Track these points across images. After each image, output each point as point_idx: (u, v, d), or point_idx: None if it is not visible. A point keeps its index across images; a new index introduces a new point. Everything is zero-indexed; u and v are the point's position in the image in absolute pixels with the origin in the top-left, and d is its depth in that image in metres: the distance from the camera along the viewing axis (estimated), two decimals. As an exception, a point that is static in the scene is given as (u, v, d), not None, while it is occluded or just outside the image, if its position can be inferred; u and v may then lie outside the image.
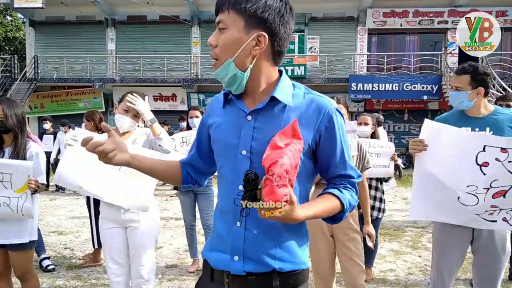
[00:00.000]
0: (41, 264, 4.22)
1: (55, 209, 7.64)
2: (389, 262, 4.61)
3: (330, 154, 1.28)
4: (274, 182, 1.00)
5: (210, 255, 1.34)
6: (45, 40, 17.97)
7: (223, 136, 1.31)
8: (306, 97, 1.28)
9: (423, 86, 14.96)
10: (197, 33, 17.22)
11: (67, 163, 2.53)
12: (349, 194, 1.30)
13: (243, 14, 1.20)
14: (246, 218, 1.22)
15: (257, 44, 1.22)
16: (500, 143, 2.14)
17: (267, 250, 1.24)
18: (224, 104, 1.34)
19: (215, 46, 1.24)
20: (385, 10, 16.27)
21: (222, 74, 1.24)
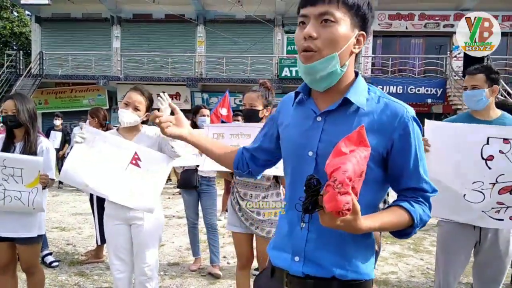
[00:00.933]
0: (44, 260, 4.23)
1: (57, 205, 7.67)
2: (391, 265, 4.60)
3: (402, 164, 1.21)
4: (336, 189, 0.95)
5: (272, 252, 1.34)
6: (50, 37, 18.03)
7: (291, 136, 1.30)
8: (380, 101, 1.22)
9: (427, 89, 14.93)
10: (202, 32, 17.24)
11: (74, 160, 2.54)
12: (421, 209, 1.21)
13: (352, 11, 1.17)
14: (310, 220, 1.16)
15: (357, 42, 1.21)
16: (503, 133, 2.15)
17: (328, 255, 1.21)
18: (294, 103, 1.34)
19: (315, 38, 1.15)
20: (390, 12, 16.24)
21: (320, 67, 1.16)
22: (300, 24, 1.21)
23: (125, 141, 2.59)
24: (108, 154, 2.54)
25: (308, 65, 1.17)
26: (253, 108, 2.78)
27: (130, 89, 2.72)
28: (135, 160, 2.51)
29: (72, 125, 17.67)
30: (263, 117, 2.82)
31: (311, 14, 1.17)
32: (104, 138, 2.58)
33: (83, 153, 2.54)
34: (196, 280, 4.00)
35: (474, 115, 2.48)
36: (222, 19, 17.25)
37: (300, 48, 1.19)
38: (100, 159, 2.54)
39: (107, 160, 2.53)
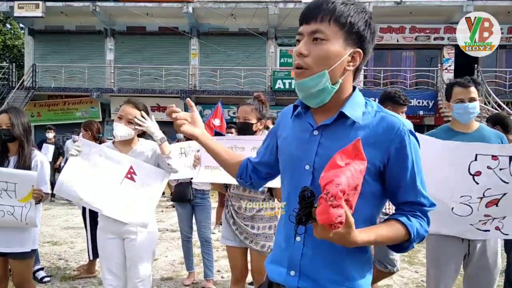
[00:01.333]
0: (35, 275, 4.16)
1: (49, 219, 7.58)
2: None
3: (399, 177, 1.21)
4: (328, 202, 0.95)
5: (270, 266, 1.34)
6: (44, 49, 18.01)
7: (289, 148, 1.32)
8: (377, 115, 1.23)
9: (419, 101, 15.07)
10: (196, 45, 17.32)
11: (69, 173, 2.53)
12: (418, 223, 1.21)
13: (345, 29, 1.17)
14: (305, 234, 1.20)
15: (352, 60, 1.21)
16: (491, 150, 2.17)
17: (324, 270, 1.20)
18: (292, 116, 1.35)
19: (306, 55, 1.18)
20: (382, 25, 16.43)
21: (310, 84, 1.18)
22: (297, 42, 1.24)
23: (121, 155, 2.59)
24: (103, 167, 2.53)
25: (298, 81, 1.21)
26: (247, 121, 2.79)
27: (124, 102, 2.72)
28: (131, 174, 2.50)
29: (65, 138, 17.61)
30: (256, 131, 2.83)
31: (305, 32, 1.20)
32: (99, 151, 2.58)
33: (78, 166, 2.54)
34: (190, 294, 3.95)
35: (455, 128, 2.49)
36: (215, 32, 17.36)
37: (293, 65, 1.23)
38: (95, 173, 2.53)
39: (102, 174, 2.52)
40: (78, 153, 2.54)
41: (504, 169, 2.15)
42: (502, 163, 2.15)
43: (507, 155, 2.16)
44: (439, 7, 15.65)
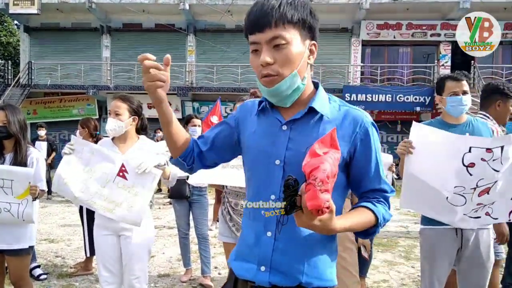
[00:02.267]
0: (32, 273, 4.16)
1: (46, 216, 7.57)
2: (383, 273, 4.61)
3: (364, 167, 1.27)
4: (317, 187, 0.97)
5: (235, 264, 1.33)
6: (39, 46, 17.91)
7: (257, 144, 1.29)
8: (341, 109, 1.27)
9: (416, 97, 15.10)
10: (193, 41, 17.28)
11: (64, 172, 2.53)
12: (383, 208, 1.27)
13: (298, 26, 1.20)
14: (276, 228, 1.21)
15: (311, 52, 1.26)
16: (486, 144, 2.20)
17: (295, 264, 1.22)
18: (257, 112, 1.34)
19: (272, 63, 1.19)
20: (378, 22, 16.46)
21: (284, 87, 1.20)
22: (252, 51, 1.23)
23: (112, 153, 2.58)
24: (96, 165, 2.54)
25: (271, 88, 1.21)
26: None
27: (115, 97, 2.73)
28: (122, 172, 2.49)
29: (61, 135, 17.58)
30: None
31: (262, 41, 1.19)
32: (91, 150, 2.58)
33: (71, 165, 2.54)
34: (187, 291, 3.96)
35: (447, 120, 2.53)
36: (212, 29, 17.32)
37: (260, 74, 1.22)
38: (87, 171, 2.54)
39: (95, 172, 2.53)
40: (71, 151, 2.54)
41: (496, 160, 2.19)
42: (495, 154, 2.19)
43: (499, 145, 2.19)
44: (435, 3, 15.65)
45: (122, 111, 2.63)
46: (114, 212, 2.49)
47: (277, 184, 1.23)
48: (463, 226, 2.34)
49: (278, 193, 1.22)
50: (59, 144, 15.56)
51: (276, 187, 1.23)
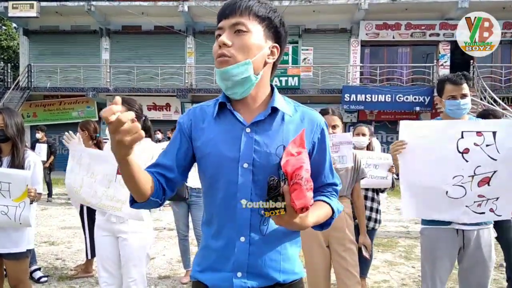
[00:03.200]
0: (32, 275, 4.16)
1: (46, 219, 7.57)
2: (383, 273, 4.61)
3: (321, 164, 1.34)
4: (303, 186, 1.00)
5: (204, 275, 1.29)
6: (39, 49, 17.95)
7: (219, 150, 1.25)
8: (298, 110, 1.33)
9: (415, 97, 15.11)
10: (192, 43, 17.29)
11: (71, 181, 2.66)
12: (336, 201, 1.36)
13: (263, 23, 1.25)
14: (250, 232, 1.23)
15: (271, 53, 1.29)
16: (475, 127, 2.21)
17: (272, 264, 1.25)
18: (214, 115, 1.29)
19: (229, 45, 1.22)
20: (377, 22, 16.47)
21: (234, 72, 1.21)
22: (216, 37, 1.26)
23: (106, 153, 2.63)
24: (96, 169, 2.60)
25: (222, 69, 1.22)
26: None
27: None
28: None
29: (61, 138, 17.54)
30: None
31: (226, 26, 1.24)
32: (88, 155, 2.66)
33: (75, 172, 2.66)
34: (188, 292, 3.96)
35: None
36: (211, 30, 17.30)
37: (215, 55, 1.24)
38: (90, 175, 2.62)
39: (97, 175, 2.60)
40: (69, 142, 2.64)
41: (490, 145, 2.18)
42: (487, 139, 2.18)
43: (491, 130, 2.19)
44: (434, 3, 15.67)
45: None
46: (122, 210, 2.53)
47: (247, 188, 1.22)
48: (467, 220, 2.31)
49: (249, 196, 1.21)
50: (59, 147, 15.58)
51: (246, 191, 1.22)
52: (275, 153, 1.22)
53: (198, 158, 1.31)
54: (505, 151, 2.18)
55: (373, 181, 3.78)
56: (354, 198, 3.03)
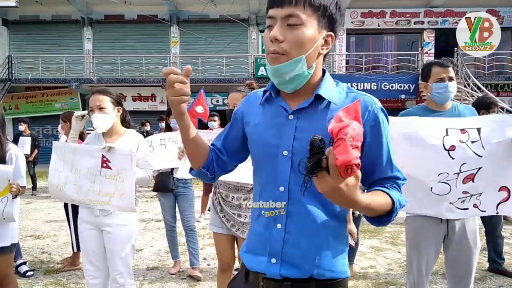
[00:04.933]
0: (18, 270, 4.10)
1: (31, 212, 7.46)
2: (370, 259, 4.67)
3: (376, 155, 1.20)
4: (348, 141, 0.91)
5: (246, 256, 1.32)
6: (19, 40, 17.53)
7: (262, 136, 1.26)
8: (349, 95, 1.24)
9: (400, 85, 15.21)
10: (176, 32, 17.08)
11: (55, 178, 2.58)
12: (398, 194, 1.20)
13: (318, 12, 1.16)
14: (287, 220, 1.20)
15: (325, 43, 1.21)
16: (459, 124, 2.20)
17: (306, 255, 1.20)
18: (262, 101, 1.30)
19: (281, 40, 1.15)
20: (363, 10, 16.48)
21: (287, 69, 1.16)
22: (268, 27, 1.20)
23: (91, 147, 2.58)
24: (80, 164, 2.55)
25: (275, 66, 1.17)
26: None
27: (90, 95, 2.70)
28: (105, 163, 2.49)
29: (45, 130, 17.28)
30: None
31: (278, 16, 1.16)
32: (72, 150, 2.59)
33: (59, 169, 2.59)
34: (176, 283, 3.96)
35: (431, 107, 2.50)
36: (195, 19, 17.13)
37: (268, 50, 1.18)
38: (74, 171, 2.56)
39: (81, 170, 2.55)
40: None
41: (475, 142, 2.17)
42: (472, 136, 2.17)
43: (474, 127, 2.19)
44: (418, -10, 15.74)
45: (105, 104, 2.60)
46: (111, 204, 2.50)
47: (285, 175, 1.20)
48: (450, 217, 2.32)
49: (287, 185, 1.20)
50: (42, 139, 15.31)
51: (284, 179, 1.20)
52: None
53: (249, 141, 1.35)
54: (490, 146, 2.17)
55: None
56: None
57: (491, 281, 3.96)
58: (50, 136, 16.88)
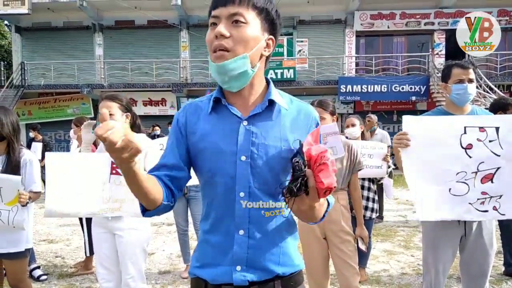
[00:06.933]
0: (32, 274, 4.15)
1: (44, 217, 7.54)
2: (382, 263, 4.63)
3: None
4: (330, 167, 1.03)
5: (203, 271, 1.28)
6: (31, 47, 17.78)
7: (216, 144, 1.24)
8: (293, 102, 1.33)
9: (411, 87, 15.10)
10: (186, 37, 17.18)
11: (53, 195, 2.49)
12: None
13: (261, 15, 1.22)
14: (249, 226, 1.22)
15: (267, 46, 1.27)
16: (478, 122, 2.19)
17: (271, 257, 1.25)
18: (210, 110, 1.28)
19: (227, 36, 1.18)
20: (372, 12, 16.41)
21: (231, 66, 1.18)
22: (211, 25, 1.22)
23: (97, 155, 2.57)
24: (84, 174, 2.49)
25: (219, 64, 1.19)
26: None
27: (100, 101, 2.68)
28: (115, 170, 2.47)
29: (57, 136, 17.49)
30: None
31: (222, 15, 1.19)
32: (71, 162, 2.55)
33: (59, 184, 2.50)
34: (188, 287, 3.96)
35: (450, 110, 2.47)
36: (205, 24, 17.13)
37: (212, 47, 1.20)
38: (78, 182, 2.49)
39: (86, 180, 2.48)
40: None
41: (493, 141, 2.16)
42: (490, 134, 2.16)
43: (493, 126, 2.17)
44: (428, -9, 15.62)
45: (114, 111, 2.60)
46: (122, 209, 2.50)
47: (245, 180, 1.22)
48: (469, 218, 2.28)
49: (247, 189, 1.22)
50: (55, 144, 15.50)
51: (245, 183, 1.22)
52: (273, 145, 1.22)
53: (194, 154, 1.29)
54: (508, 146, 2.15)
55: (367, 170, 3.78)
56: (351, 190, 3.01)
57: (507, 285, 3.89)
58: (62, 141, 17.09)
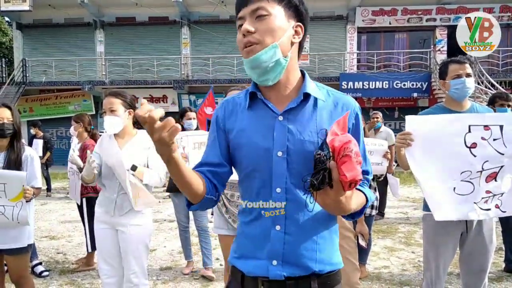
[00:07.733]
0: (34, 270, 4.17)
1: (46, 213, 7.57)
2: (383, 259, 4.64)
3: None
4: (353, 159, 0.97)
5: (240, 262, 1.30)
6: (33, 43, 17.79)
7: (252, 139, 1.25)
8: (330, 94, 1.29)
9: (412, 83, 15.08)
10: (187, 34, 17.16)
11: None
12: (368, 189, 1.29)
13: (282, 3, 1.22)
14: (285, 221, 1.21)
15: (296, 33, 1.26)
16: (482, 120, 2.18)
17: (307, 253, 1.23)
18: (246, 106, 1.29)
19: (253, 32, 1.19)
20: (374, 8, 16.36)
21: (263, 58, 1.18)
22: (238, 27, 1.24)
23: (112, 149, 2.65)
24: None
25: (251, 58, 1.20)
26: None
27: (105, 96, 2.74)
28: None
29: (59, 132, 17.53)
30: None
31: (246, 14, 1.22)
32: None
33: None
34: (189, 283, 3.98)
35: (450, 106, 2.47)
36: (206, 20, 17.20)
37: (241, 45, 1.22)
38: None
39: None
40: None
41: (497, 139, 2.15)
42: (494, 133, 2.15)
43: (497, 124, 2.16)
44: (430, -13, 15.55)
45: (116, 107, 2.64)
46: (135, 202, 2.61)
47: (282, 176, 1.22)
48: (473, 218, 2.26)
49: (284, 185, 1.21)
50: (56, 141, 15.53)
51: (281, 179, 1.22)
52: (309, 140, 1.21)
53: (232, 149, 1.31)
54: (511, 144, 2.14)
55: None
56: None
57: (507, 281, 3.89)
58: (64, 138, 17.11)
